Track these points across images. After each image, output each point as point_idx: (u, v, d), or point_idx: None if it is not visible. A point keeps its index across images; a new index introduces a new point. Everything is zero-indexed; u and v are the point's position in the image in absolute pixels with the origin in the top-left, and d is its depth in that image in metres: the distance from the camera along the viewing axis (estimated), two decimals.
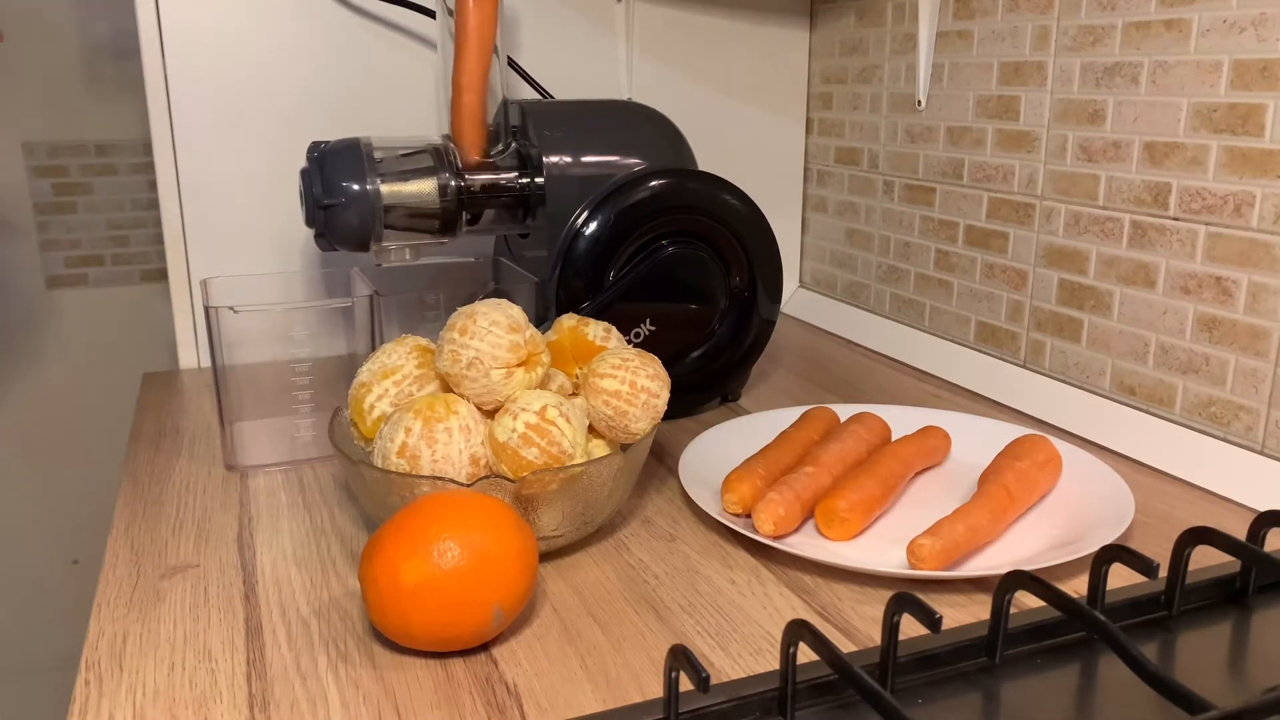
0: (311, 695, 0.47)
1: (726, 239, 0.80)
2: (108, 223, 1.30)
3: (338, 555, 0.60)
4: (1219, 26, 0.68)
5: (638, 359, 0.61)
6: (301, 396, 0.72)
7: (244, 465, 0.72)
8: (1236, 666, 0.48)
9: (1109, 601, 0.50)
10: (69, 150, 1.29)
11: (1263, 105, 0.66)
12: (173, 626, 0.52)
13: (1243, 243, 0.68)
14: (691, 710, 0.42)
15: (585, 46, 1.02)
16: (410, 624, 0.48)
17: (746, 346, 0.83)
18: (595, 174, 0.78)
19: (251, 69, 0.90)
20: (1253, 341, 0.68)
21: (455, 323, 0.58)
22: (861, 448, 0.68)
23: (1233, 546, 0.49)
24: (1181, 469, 0.71)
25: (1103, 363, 0.80)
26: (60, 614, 1.32)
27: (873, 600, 0.55)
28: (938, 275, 0.97)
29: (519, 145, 0.80)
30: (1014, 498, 0.61)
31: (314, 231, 0.75)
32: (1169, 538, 0.62)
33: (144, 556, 0.60)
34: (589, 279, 0.76)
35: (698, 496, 0.63)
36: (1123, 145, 0.76)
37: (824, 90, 1.11)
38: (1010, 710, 0.44)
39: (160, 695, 0.47)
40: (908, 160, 0.99)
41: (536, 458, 0.55)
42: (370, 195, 0.73)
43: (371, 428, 0.60)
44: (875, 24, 1.02)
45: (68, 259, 1.29)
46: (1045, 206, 0.84)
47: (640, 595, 0.55)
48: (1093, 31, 0.78)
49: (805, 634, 0.41)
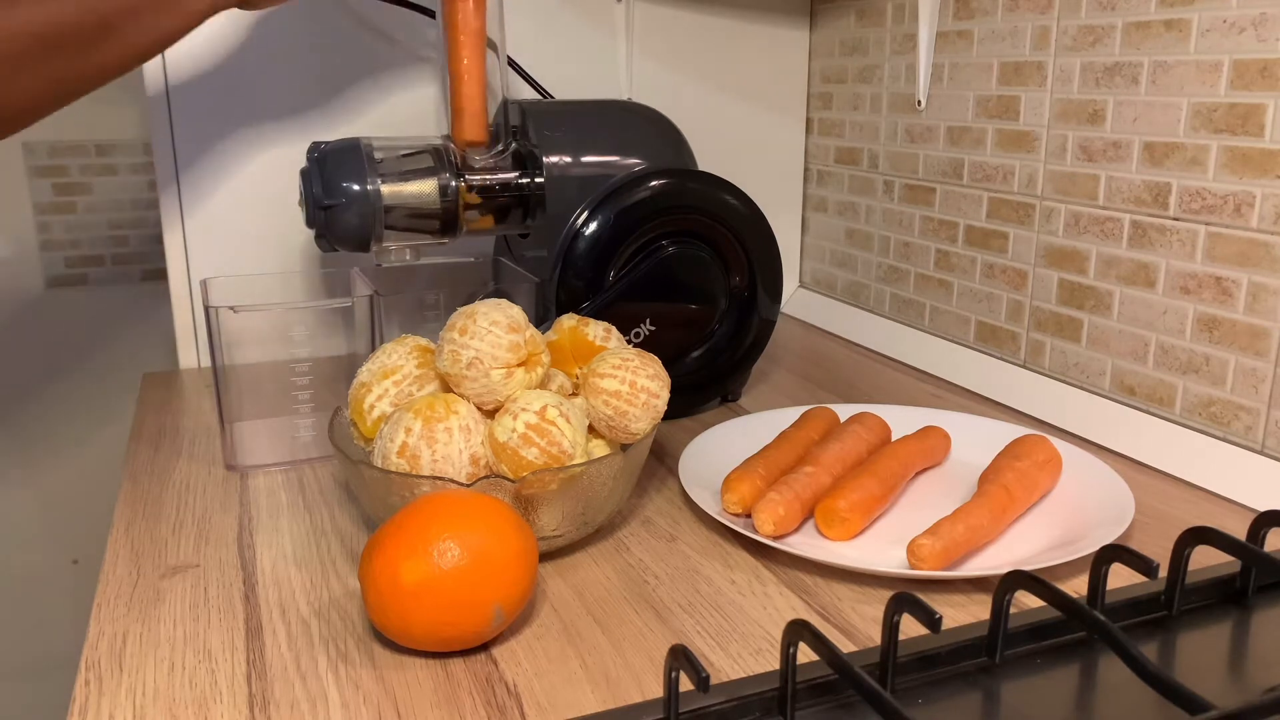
0: (311, 695, 0.47)
1: (726, 239, 0.80)
2: (108, 223, 1.30)
3: (338, 555, 0.60)
4: (1219, 26, 0.68)
5: (638, 359, 0.61)
6: (301, 397, 0.72)
7: (244, 465, 0.72)
8: (1236, 666, 0.48)
9: (1109, 601, 0.50)
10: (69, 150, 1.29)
11: (1263, 105, 0.66)
12: (173, 626, 0.52)
13: (1243, 243, 0.68)
14: (691, 710, 0.42)
15: (585, 46, 1.02)
16: (410, 624, 0.48)
17: (746, 346, 0.83)
18: (595, 174, 0.78)
19: (251, 69, 0.90)
20: (1253, 341, 0.68)
21: (455, 323, 0.58)
22: (861, 448, 0.68)
23: (1233, 546, 0.49)
24: (1181, 469, 0.71)
25: (1103, 363, 0.80)
26: (60, 614, 1.32)
27: (873, 600, 0.55)
28: (938, 275, 0.97)
29: (519, 145, 0.80)
30: (1014, 498, 0.61)
31: (314, 232, 0.75)
32: (1169, 538, 0.62)
33: (144, 556, 0.60)
34: (589, 279, 0.76)
35: (698, 496, 0.63)
36: (1123, 145, 0.76)
37: (824, 90, 1.11)
38: (1010, 710, 0.44)
39: (160, 695, 0.47)
40: (908, 160, 0.99)
41: (536, 458, 0.55)
42: (370, 195, 0.73)
43: (371, 428, 0.60)
44: (875, 24, 1.02)
45: (68, 259, 1.29)
46: (1045, 206, 0.84)
47: (640, 595, 0.55)
48: (1093, 31, 0.78)
49: (805, 634, 0.41)
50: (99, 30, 0.55)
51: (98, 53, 0.55)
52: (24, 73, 0.52)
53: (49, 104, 0.56)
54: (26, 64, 0.52)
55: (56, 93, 0.55)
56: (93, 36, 0.55)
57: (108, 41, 0.55)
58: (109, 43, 0.56)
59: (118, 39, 0.56)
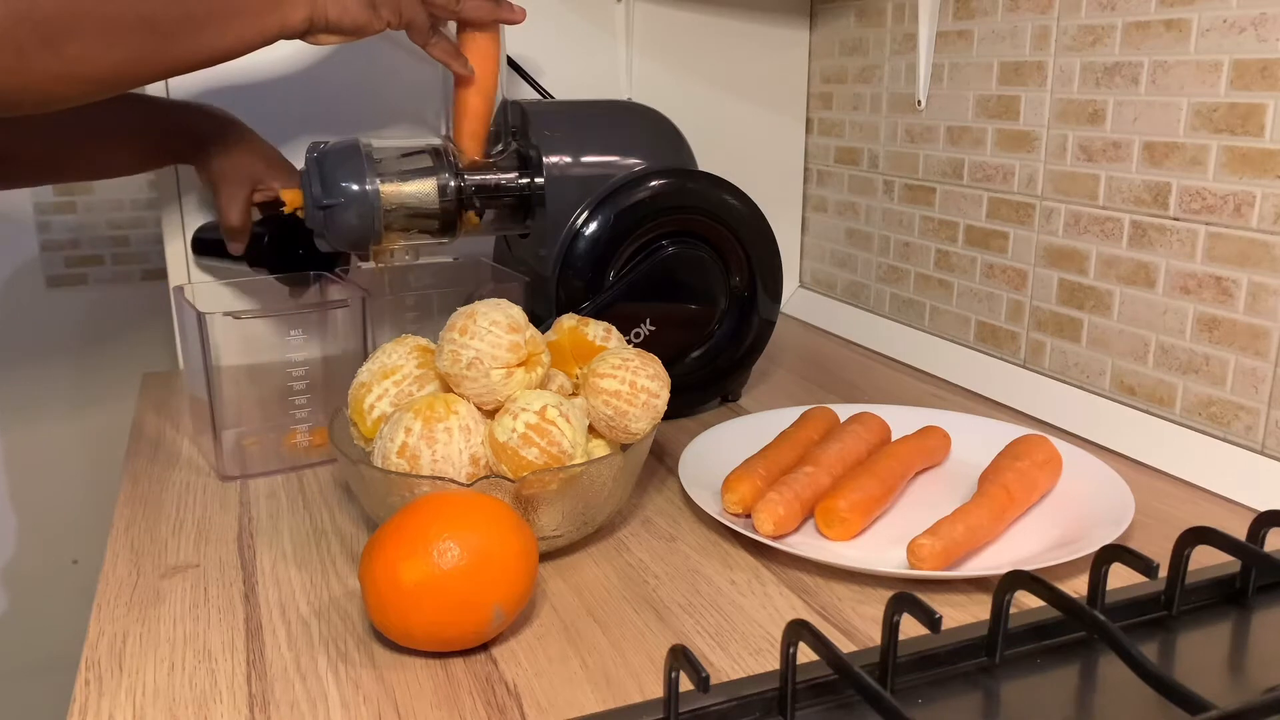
0: (311, 695, 0.47)
1: (726, 239, 0.80)
2: (108, 223, 1.30)
3: (338, 555, 0.60)
4: (1219, 26, 0.68)
5: (638, 359, 0.61)
6: (299, 401, 0.72)
7: (235, 475, 0.71)
8: (1236, 666, 0.48)
9: (1109, 601, 0.50)
10: None
11: (1263, 105, 0.66)
12: (173, 626, 0.52)
13: (1243, 243, 0.68)
14: (691, 710, 0.42)
15: (585, 46, 1.02)
16: (410, 624, 0.48)
17: (746, 346, 0.83)
18: (595, 174, 0.78)
19: (251, 69, 0.90)
20: (1253, 341, 0.68)
21: (455, 323, 0.58)
22: (861, 448, 0.68)
23: (1233, 546, 0.49)
24: (1181, 469, 0.71)
25: (1103, 363, 0.80)
26: (60, 614, 1.32)
27: (873, 600, 0.55)
28: (938, 275, 0.97)
29: (519, 145, 0.80)
30: (1014, 498, 0.61)
31: (314, 232, 0.75)
32: (1169, 538, 0.61)
33: (144, 556, 0.60)
34: (589, 279, 0.76)
35: (698, 496, 0.63)
36: (1123, 145, 0.76)
37: (824, 90, 1.11)
38: (1010, 710, 0.44)
39: (160, 695, 0.47)
40: (908, 160, 0.99)
41: (536, 458, 0.55)
42: (370, 195, 0.73)
43: (371, 428, 0.60)
44: (875, 24, 1.02)
45: (68, 259, 1.29)
46: (1045, 206, 0.84)
47: (640, 595, 0.55)
48: (1093, 31, 0.78)
49: (805, 634, 0.41)
50: (186, 25, 0.62)
51: (179, 45, 0.62)
52: (118, 47, 0.59)
53: (129, 80, 0.61)
54: (123, 39, 0.59)
55: (138, 71, 0.61)
56: (179, 29, 0.61)
57: (190, 37, 0.62)
58: (191, 38, 0.62)
59: (198, 37, 0.62)
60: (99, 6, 0.57)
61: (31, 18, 0.55)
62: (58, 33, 0.56)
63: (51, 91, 0.58)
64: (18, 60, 0.55)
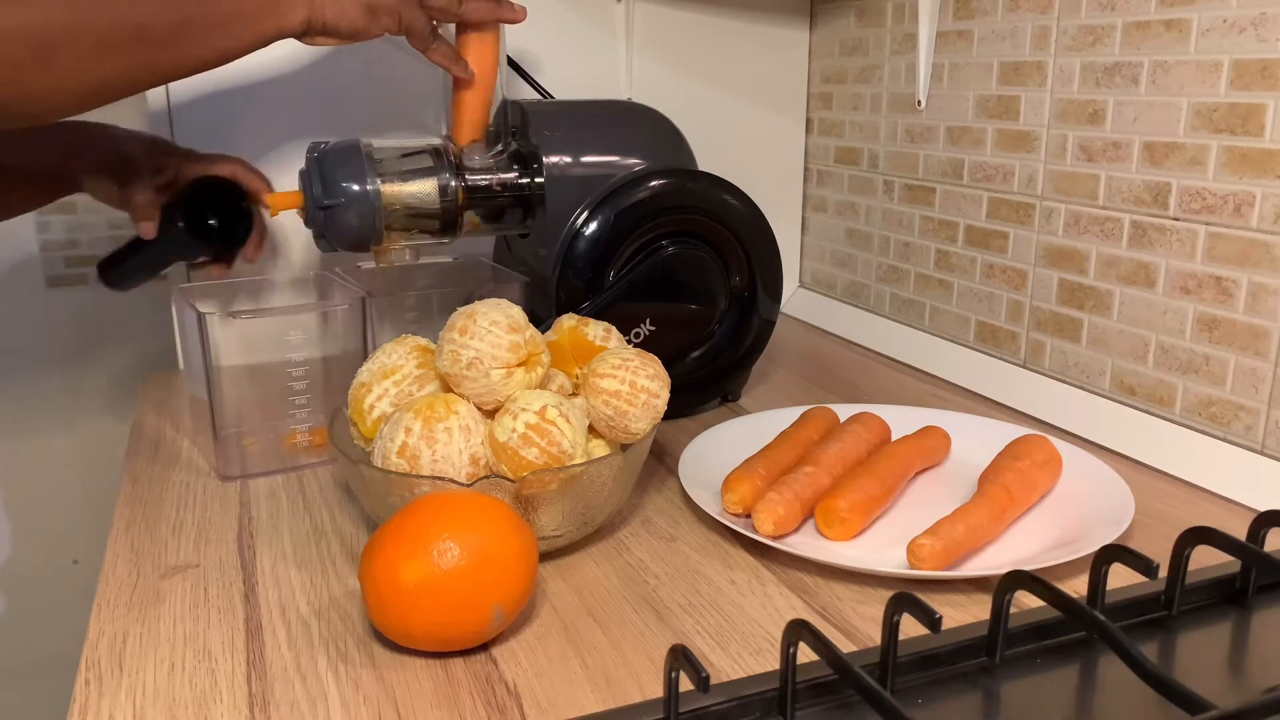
0: (311, 695, 0.47)
1: (726, 239, 0.80)
2: (108, 223, 1.30)
3: (338, 555, 0.60)
4: (1219, 26, 0.68)
5: (638, 359, 0.61)
6: (299, 401, 0.72)
7: (235, 475, 0.71)
8: (1236, 666, 0.48)
9: (1109, 601, 0.50)
10: None
11: (1263, 105, 0.66)
12: (173, 626, 0.52)
13: (1243, 243, 0.68)
14: (691, 710, 0.42)
15: (585, 46, 1.02)
16: (410, 624, 0.48)
17: (746, 346, 0.83)
18: (595, 174, 0.78)
19: (251, 69, 0.90)
20: (1253, 341, 0.68)
21: (455, 323, 0.58)
22: (861, 448, 0.68)
23: (1233, 546, 0.49)
24: (1181, 469, 0.71)
25: (1103, 363, 0.80)
26: (60, 614, 1.32)
27: (873, 600, 0.55)
28: (938, 275, 0.97)
29: (519, 145, 0.80)
30: (1014, 498, 0.61)
31: (314, 233, 0.75)
32: (1169, 538, 0.61)
33: (144, 556, 0.60)
34: (589, 279, 0.76)
35: (698, 496, 0.63)
36: (1123, 145, 0.76)
37: (824, 90, 1.11)
38: (1010, 710, 0.44)
39: (160, 695, 0.47)
40: (908, 160, 0.99)
41: (536, 458, 0.55)
42: (370, 195, 0.73)
43: (371, 428, 0.60)
44: (875, 24, 1.02)
45: (68, 259, 1.29)
46: (1045, 206, 0.84)
47: (640, 595, 0.55)
48: (1093, 31, 0.78)
49: (805, 634, 0.41)
50: (181, 32, 0.61)
51: (175, 52, 0.62)
52: (112, 57, 0.59)
53: (124, 89, 0.61)
54: (117, 49, 0.59)
55: (133, 79, 0.61)
56: (175, 36, 0.61)
57: (186, 43, 0.62)
58: (187, 45, 0.62)
59: (195, 43, 0.62)
60: (94, 19, 0.57)
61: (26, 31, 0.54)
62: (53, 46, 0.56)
63: (46, 103, 0.58)
64: (12, 73, 0.55)
